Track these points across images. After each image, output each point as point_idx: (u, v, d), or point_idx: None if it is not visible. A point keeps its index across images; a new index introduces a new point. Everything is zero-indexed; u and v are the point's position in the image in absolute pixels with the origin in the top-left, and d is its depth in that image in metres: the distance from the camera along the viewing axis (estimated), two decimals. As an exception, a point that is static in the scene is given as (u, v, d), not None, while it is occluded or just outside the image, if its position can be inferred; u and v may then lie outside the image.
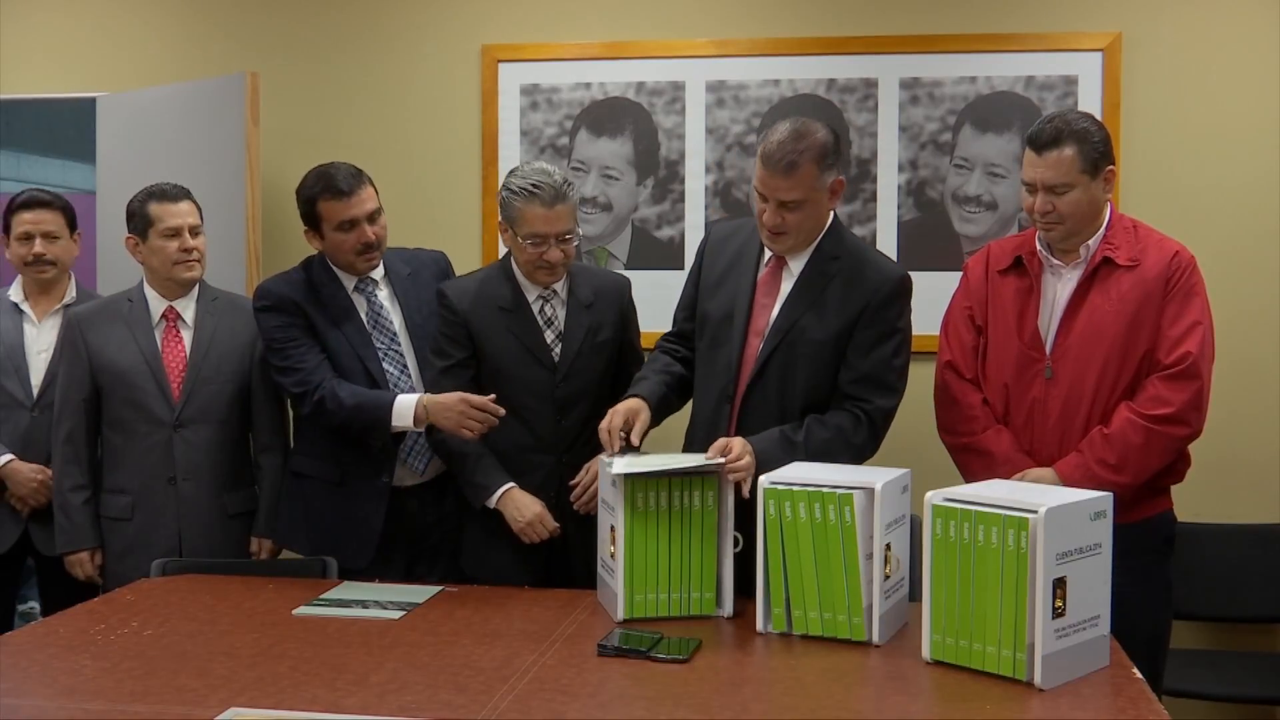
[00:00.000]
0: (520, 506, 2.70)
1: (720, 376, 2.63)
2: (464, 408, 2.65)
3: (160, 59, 4.01)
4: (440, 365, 2.78)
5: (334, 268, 2.94)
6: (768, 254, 2.64)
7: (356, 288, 2.94)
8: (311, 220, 2.89)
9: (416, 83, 3.90)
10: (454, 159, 3.86)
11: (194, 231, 3.06)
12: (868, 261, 2.62)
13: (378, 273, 2.96)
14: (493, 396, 2.68)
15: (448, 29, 3.89)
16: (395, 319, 2.95)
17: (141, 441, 3.01)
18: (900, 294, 2.58)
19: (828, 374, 2.57)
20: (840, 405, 2.56)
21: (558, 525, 2.72)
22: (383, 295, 2.96)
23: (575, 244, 2.77)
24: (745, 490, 2.35)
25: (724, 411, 2.61)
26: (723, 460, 2.35)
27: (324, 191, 2.84)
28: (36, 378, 3.22)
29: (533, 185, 2.68)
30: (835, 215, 2.64)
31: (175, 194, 3.07)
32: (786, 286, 2.61)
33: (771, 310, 2.60)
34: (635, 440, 2.50)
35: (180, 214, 3.05)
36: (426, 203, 3.78)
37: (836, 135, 2.55)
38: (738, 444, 2.40)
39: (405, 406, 2.75)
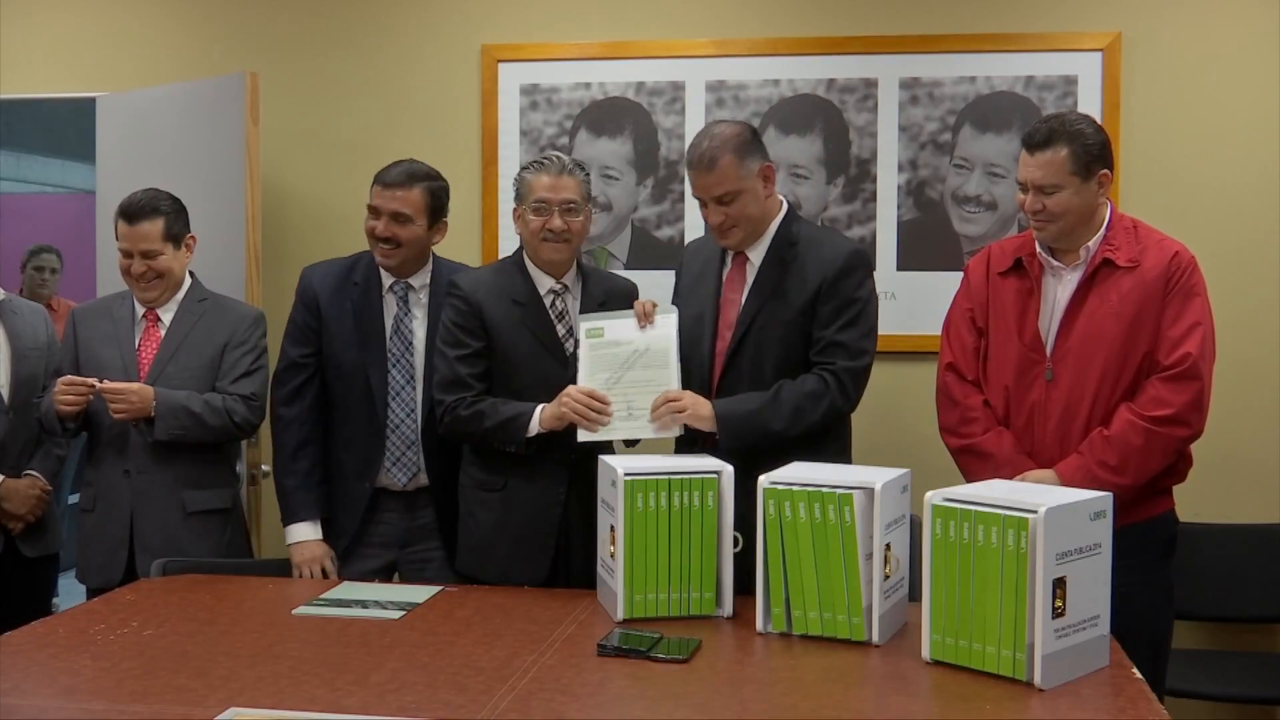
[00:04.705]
0: (551, 410, 2.68)
1: (698, 372, 2.75)
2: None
3: (160, 59, 4.01)
4: (454, 354, 2.78)
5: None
6: (731, 253, 2.78)
7: (391, 288, 2.99)
8: None
9: (416, 83, 3.91)
10: (454, 159, 3.84)
11: (146, 255, 2.99)
12: (823, 242, 2.76)
13: (418, 281, 2.99)
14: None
15: (448, 29, 3.89)
16: (418, 329, 2.97)
17: (105, 434, 3.01)
18: (855, 266, 2.70)
19: (797, 352, 2.68)
20: (809, 372, 2.67)
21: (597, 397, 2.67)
22: (414, 304, 2.99)
23: (581, 219, 2.80)
24: (667, 424, 2.62)
25: None
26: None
27: (377, 176, 2.96)
28: (2, 377, 3.17)
29: (541, 159, 2.84)
30: (789, 205, 2.79)
31: (135, 212, 2.99)
32: (751, 278, 2.74)
33: (739, 304, 2.73)
34: None
35: (133, 237, 2.99)
36: (426, 203, 3.78)
37: (750, 128, 2.75)
38: (687, 394, 2.63)
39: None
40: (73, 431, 3.05)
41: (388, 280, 2.98)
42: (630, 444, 2.85)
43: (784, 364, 2.68)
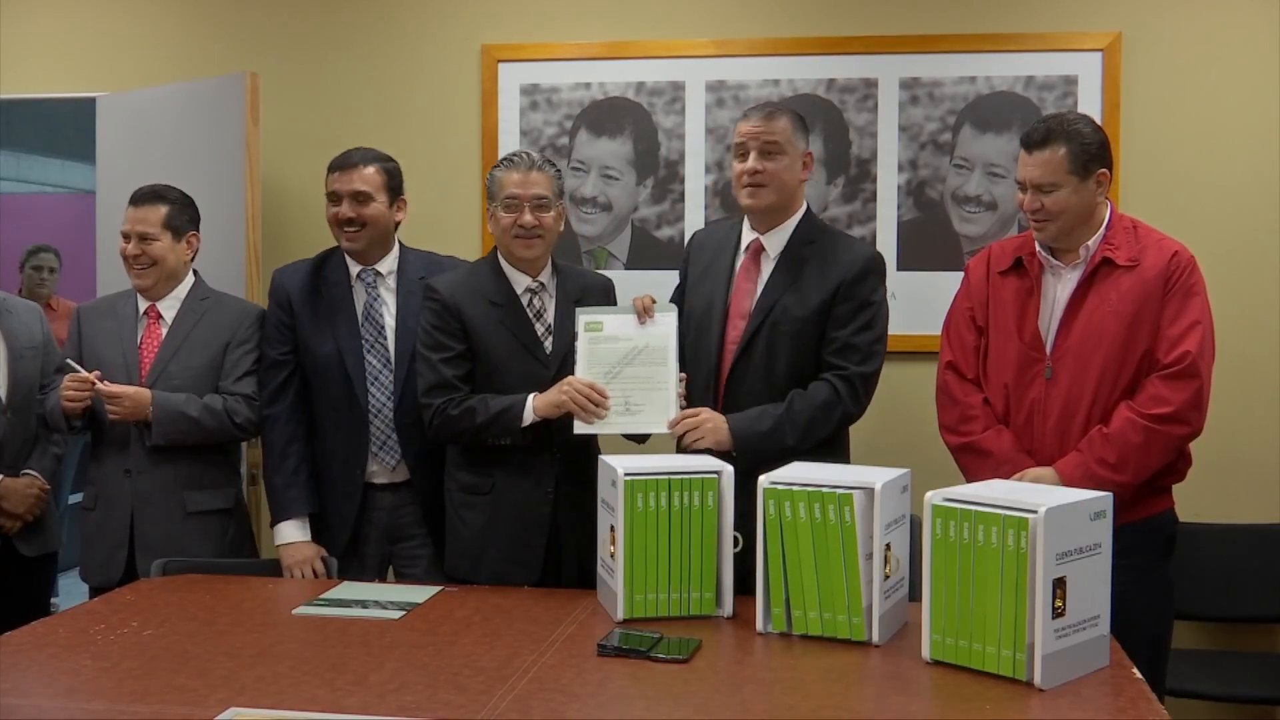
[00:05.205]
0: (547, 398, 2.69)
1: (706, 360, 2.75)
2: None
3: (160, 59, 4.01)
4: (437, 358, 2.78)
5: (345, 255, 3.03)
6: (745, 243, 2.80)
7: (359, 276, 3.01)
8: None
9: (416, 83, 3.91)
10: (454, 159, 3.86)
11: (143, 239, 3.02)
12: (841, 243, 2.80)
13: (385, 267, 3.02)
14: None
15: (448, 29, 3.89)
16: (388, 315, 3.00)
17: (108, 433, 3.02)
18: (872, 270, 2.74)
19: (809, 349, 2.71)
20: (821, 376, 2.69)
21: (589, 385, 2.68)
22: (383, 289, 3.01)
23: (552, 215, 2.79)
24: (689, 441, 2.63)
25: (710, 390, 2.73)
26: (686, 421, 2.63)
27: (331, 165, 3.01)
28: None
29: (511, 156, 2.86)
30: (808, 205, 2.82)
31: (141, 196, 3.06)
32: (766, 270, 2.75)
33: (754, 294, 2.74)
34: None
35: (131, 219, 3.03)
36: (426, 203, 3.77)
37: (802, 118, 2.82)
38: (705, 411, 2.65)
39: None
40: (79, 429, 3.05)
41: (355, 269, 3.01)
42: (640, 440, 2.85)
43: (795, 361, 2.69)
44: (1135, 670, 2.03)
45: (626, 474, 2.31)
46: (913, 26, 3.69)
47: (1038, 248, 2.68)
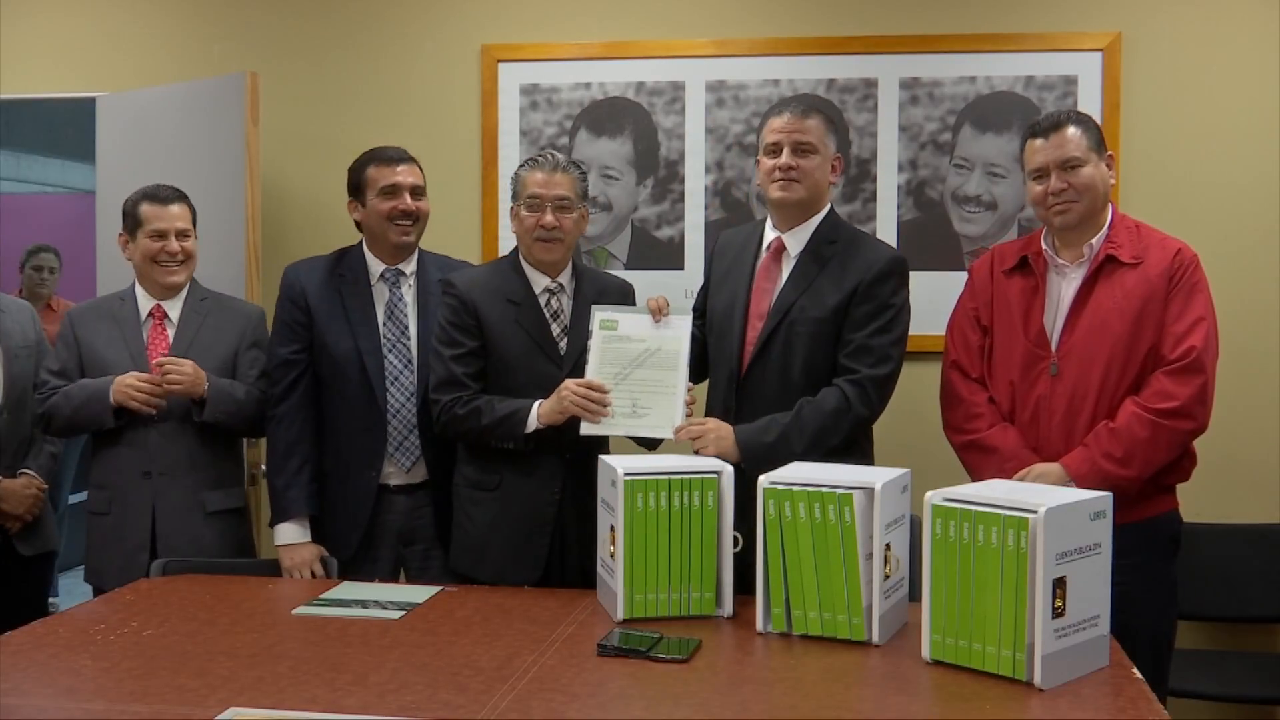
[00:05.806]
0: (550, 405, 2.68)
1: (727, 362, 2.75)
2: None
3: (160, 59, 4.01)
4: (449, 354, 2.78)
5: (366, 254, 3.01)
6: (766, 243, 2.78)
7: (382, 276, 2.99)
8: (356, 189, 2.98)
9: (416, 83, 3.91)
10: (454, 159, 3.86)
11: (181, 235, 3.04)
12: (863, 244, 2.78)
13: (408, 267, 3.00)
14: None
15: (448, 29, 3.89)
16: (411, 315, 2.97)
17: (122, 435, 2.99)
18: (893, 272, 2.70)
19: (825, 351, 2.68)
20: (833, 380, 2.66)
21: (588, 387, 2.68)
22: (405, 289, 3.00)
23: (574, 217, 2.80)
24: (697, 448, 2.61)
25: (731, 393, 2.73)
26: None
27: (373, 159, 2.97)
28: None
29: (536, 156, 2.84)
30: (832, 206, 2.80)
31: (167, 196, 3.06)
32: (786, 270, 2.74)
33: (772, 294, 2.73)
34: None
35: (168, 217, 3.03)
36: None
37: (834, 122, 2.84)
38: (711, 421, 2.64)
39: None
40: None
41: (377, 269, 2.99)
42: (651, 446, 2.84)
43: (811, 363, 2.67)
44: (1135, 670, 2.03)
45: (626, 474, 2.30)
46: (913, 26, 3.69)
47: (1043, 246, 2.69)
